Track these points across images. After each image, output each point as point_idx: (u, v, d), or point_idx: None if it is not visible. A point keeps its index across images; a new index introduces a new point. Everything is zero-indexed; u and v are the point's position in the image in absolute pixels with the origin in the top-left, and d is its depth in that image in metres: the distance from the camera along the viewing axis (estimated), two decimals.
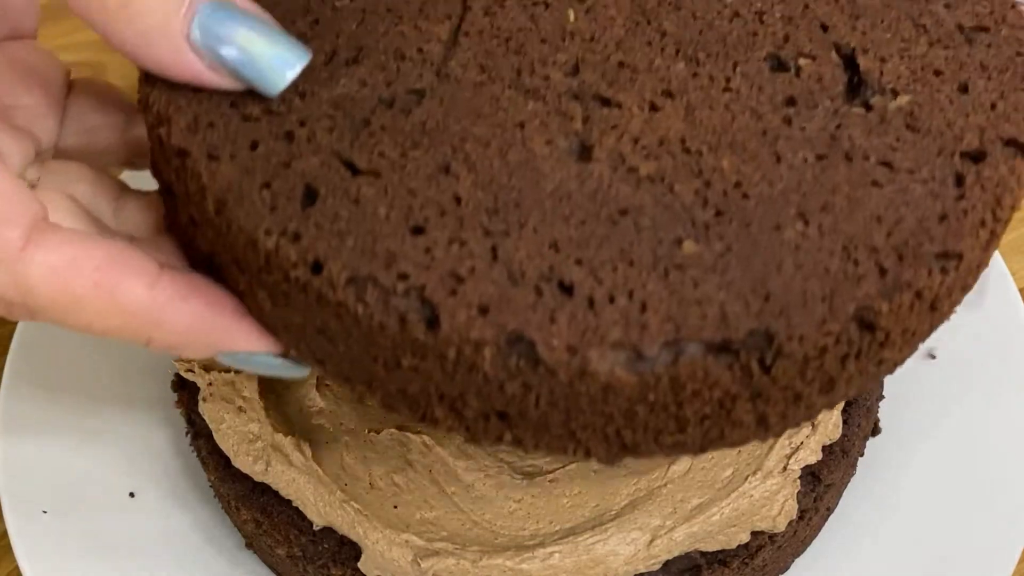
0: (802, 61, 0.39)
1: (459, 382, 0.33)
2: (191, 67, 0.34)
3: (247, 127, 0.35)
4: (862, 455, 0.51)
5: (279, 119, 0.36)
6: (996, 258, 0.56)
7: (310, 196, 0.34)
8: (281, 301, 0.34)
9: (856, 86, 0.38)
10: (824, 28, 0.40)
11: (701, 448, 0.36)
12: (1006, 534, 0.48)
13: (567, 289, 0.32)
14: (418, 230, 0.33)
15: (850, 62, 0.39)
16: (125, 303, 0.33)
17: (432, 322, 0.32)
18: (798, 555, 0.49)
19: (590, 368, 0.31)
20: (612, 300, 0.32)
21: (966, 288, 0.37)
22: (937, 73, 0.38)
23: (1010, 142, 0.36)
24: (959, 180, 0.36)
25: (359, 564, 0.44)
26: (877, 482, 0.52)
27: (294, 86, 0.36)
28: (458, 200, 0.34)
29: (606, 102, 0.37)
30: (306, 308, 0.34)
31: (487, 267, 0.32)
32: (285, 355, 0.37)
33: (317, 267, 0.32)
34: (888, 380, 0.51)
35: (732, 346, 0.32)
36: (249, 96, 0.36)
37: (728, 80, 0.38)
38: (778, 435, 0.38)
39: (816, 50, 0.39)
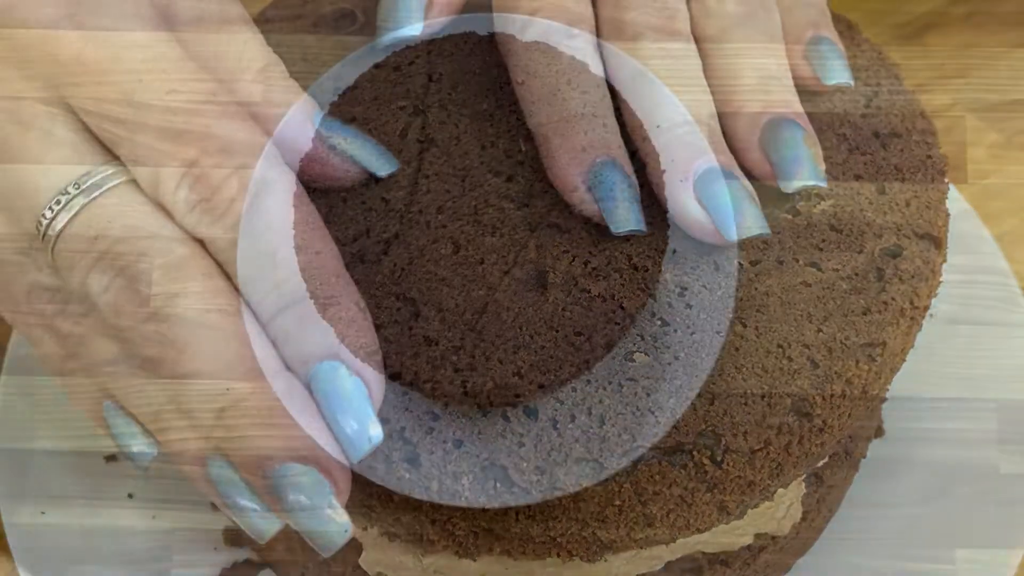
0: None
1: (445, 508, 0.36)
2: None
3: None
4: (865, 456, 0.51)
5: None
6: (997, 257, 0.56)
7: None
8: None
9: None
10: None
11: (671, 538, 0.39)
12: (1008, 536, 0.47)
13: (532, 413, 0.36)
14: (395, 376, 0.37)
15: None
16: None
17: (414, 460, 0.35)
18: (800, 555, 0.49)
19: (558, 485, 0.35)
20: (573, 419, 0.35)
21: (895, 369, 0.40)
22: (857, 177, 0.42)
23: (924, 236, 0.40)
24: (880, 275, 0.39)
25: (360, 560, 0.44)
26: (880, 483, 0.51)
27: None
28: (428, 342, 0.37)
29: (557, 227, 0.40)
30: None
31: (459, 403, 0.36)
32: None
33: None
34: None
35: (684, 447, 0.36)
36: None
37: None
38: (740, 517, 0.41)
39: None
